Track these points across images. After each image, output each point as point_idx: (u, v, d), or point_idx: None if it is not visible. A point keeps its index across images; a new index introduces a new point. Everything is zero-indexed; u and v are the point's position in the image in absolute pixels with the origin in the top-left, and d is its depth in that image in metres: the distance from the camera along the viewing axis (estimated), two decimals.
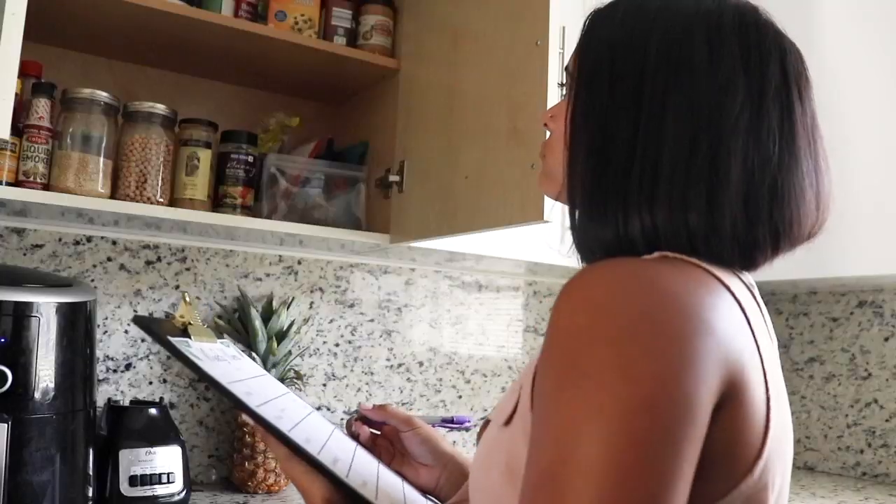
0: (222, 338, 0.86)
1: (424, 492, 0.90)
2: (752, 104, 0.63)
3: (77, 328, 1.17)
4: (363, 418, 0.93)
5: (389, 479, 0.83)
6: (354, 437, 0.91)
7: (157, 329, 0.74)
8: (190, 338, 0.77)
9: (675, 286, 0.55)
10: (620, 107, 0.65)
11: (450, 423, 0.90)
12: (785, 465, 0.60)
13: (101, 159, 1.27)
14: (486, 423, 0.72)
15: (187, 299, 0.79)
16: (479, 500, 0.66)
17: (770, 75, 0.65)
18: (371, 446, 0.91)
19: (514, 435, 0.61)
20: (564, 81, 0.74)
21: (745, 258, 0.64)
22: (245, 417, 0.75)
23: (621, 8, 0.70)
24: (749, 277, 0.66)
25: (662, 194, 0.62)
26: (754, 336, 0.59)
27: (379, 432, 0.94)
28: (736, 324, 0.57)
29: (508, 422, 0.62)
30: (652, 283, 0.54)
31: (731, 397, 0.54)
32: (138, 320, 0.76)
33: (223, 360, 0.78)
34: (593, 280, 0.55)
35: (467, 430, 0.91)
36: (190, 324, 0.79)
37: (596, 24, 0.71)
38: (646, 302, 0.53)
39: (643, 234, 0.63)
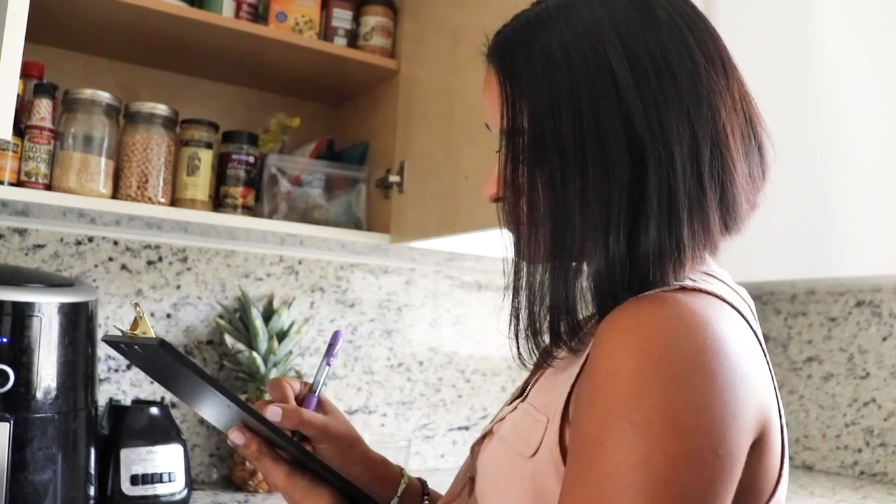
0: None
1: None
2: (730, 95, 0.63)
3: (78, 328, 1.18)
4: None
5: None
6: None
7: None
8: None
9: (717, 331, 0.54)
10: (610, 139, 0.60)
11: (328, 354, 0.84)
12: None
13: (103, 160, 1.28)
14: (484, 436, 0.71)
15: (141, 313, 0.71)
16: None
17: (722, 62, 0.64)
18: None
19: (541, 467, 0.59)
20: (507, 143, 0.63)
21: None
22: (231, 440, 0.69)
23: (541, 36, 0.63)
24: (742, 290, 0.66)
25: (684, 212, 0.60)
26: (767, 361, 0.60)
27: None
28: (760, 360, 0.58)
29: (535, 453, 0.61)
30: (698, 328, 0.53)
31: (762, 438, 0.56)
32: (112, 344, 0.67)
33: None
34: (640, 321, 0.54)
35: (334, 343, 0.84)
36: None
37: (528, 56, 0.63)
38: (694, 350, 0.52)
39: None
